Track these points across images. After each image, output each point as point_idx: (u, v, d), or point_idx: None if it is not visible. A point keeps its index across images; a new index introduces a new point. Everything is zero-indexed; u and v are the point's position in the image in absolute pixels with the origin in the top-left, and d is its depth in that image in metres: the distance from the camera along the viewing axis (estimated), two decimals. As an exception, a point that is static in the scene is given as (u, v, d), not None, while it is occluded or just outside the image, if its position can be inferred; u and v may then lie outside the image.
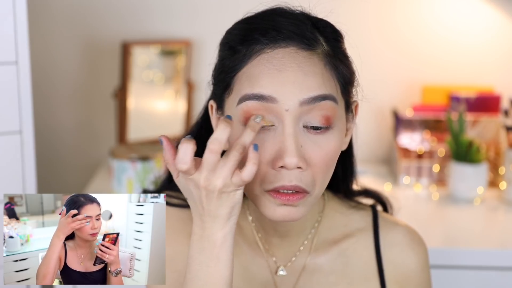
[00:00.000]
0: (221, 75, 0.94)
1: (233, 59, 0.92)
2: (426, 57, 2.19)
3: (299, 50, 0.90)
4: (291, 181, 0.88)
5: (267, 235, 1.02)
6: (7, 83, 1.43)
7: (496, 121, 2.03)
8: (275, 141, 0.88)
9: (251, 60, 0.90)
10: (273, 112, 0.88)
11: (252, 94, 0.88)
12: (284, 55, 0.89)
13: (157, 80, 2.15)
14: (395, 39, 2.19)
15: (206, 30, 2.14)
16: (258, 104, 0.88)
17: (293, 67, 0.88)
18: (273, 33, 0.90)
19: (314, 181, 0.90)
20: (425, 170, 2.03)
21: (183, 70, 2.15)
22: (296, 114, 0.87)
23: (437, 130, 2.08)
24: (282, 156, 0.87)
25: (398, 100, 2.20)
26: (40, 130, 2.07)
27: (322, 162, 0.89)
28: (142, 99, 2.13)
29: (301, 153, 0.87)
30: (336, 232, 1.04)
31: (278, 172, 0.88)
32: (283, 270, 1.01)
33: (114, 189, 1.89)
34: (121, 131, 2.09)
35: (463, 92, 2.09)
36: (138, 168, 1.85)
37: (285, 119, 0.87)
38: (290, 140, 0.86)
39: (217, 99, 0.96)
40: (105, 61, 2.17)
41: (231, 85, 0.92)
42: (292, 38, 0.90)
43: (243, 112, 0.89)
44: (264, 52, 0.90)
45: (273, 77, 0.88)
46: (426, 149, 2.04)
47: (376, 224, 1.04)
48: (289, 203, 0.89)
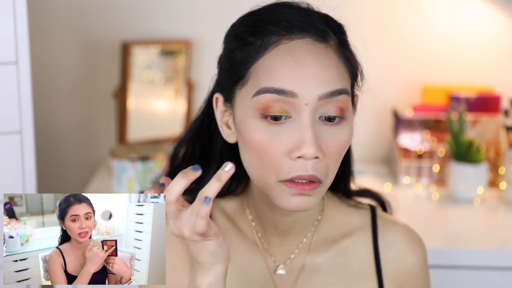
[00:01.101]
0: (233, 67, 0.93)
1: (247, 51, 0.91)
2: (426, 57, 2.19)
3: (315, 41, 0.90)
4: (307, 171, 0.88)
5: (267, 234, 1.02)
6: (7, 83, 1.43)
7: (496, 121, 2.03)
8: (292, 132, 0.88)
9: (268, 51, 0.90)
10: (292, 105, 0.88)
11: (272, 87, 0.88)
12: (303, 46, 0.89)
13: (157, 80, 2.15)
14: (395, 39, 2.19)
15: (206, 30, 2.14)
16: (277, 97, 0.88)
17: (312, 59, 0.89)
18: (287, 24, 0.90)
19: (328, 171, 0.91)
20: (425, 170, 2.03)
21: (183, 70, 2.15)
22: (314, 107, 0.88)
23: (437, 130, 2.08)
24: (300, 147, 0.88)
25: (398, 100, 2.20)
26: (40, 130, 2.07)
27: (336, 152, 0.91)
28: (142, 99, 2.13)
29: (318, 144, 0.88)
30: (335, 231, 1.04)
31: (296, 162, 0.89)
32: (282, 269, 1.01)
33: (114, 189, 1.89)
34: (121, 131, 2.09)
35: (463, 92, 2.09)
36: (138, 168, 1.85)
37: (303, 112, 0.88)
38: (309, 131, 0.87)
39: (225, 92, 0.96)
40: (105, 61, 2.17)
41: (245, 77, 0.92)
42: (306, 30, 0.90)
43: (260, 104, 0.89)
44: (281, 43, 0.90)
45: (294, 70, 0.88)
46: (426, 149, 2.04)
47: (375, 224, 1.05)
48: (305, 193, 0.90)
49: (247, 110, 0.91)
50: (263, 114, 0.89)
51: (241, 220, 1.04)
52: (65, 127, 2.21)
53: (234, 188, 1.06)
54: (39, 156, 1.85)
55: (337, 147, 0.91)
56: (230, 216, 1.04)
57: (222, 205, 1.04)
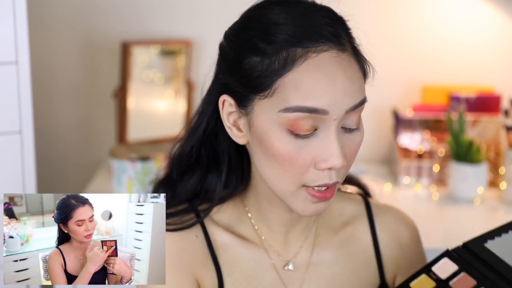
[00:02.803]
0: (252, 77, 0.90)
1: (269, 62, 0.88)
2: (426, 57, 2.19)
3: (339, 52, 0.89)
4: (332, 179, 0.90)
5: (272, 233, 1.02)
6: (7, 83, 1.43)
7: (496, 121, 2.03)
8: (320, 145, 0.89)
9: (296, 66, 0.87)
10: (321, 121, 0.88)
11: (305, 107, 0.87)
12: (331, 61, 0.88)
13: (157, 80, 2.15)
14: (395, 39, 2.19)
15: (206, 30, 2.14)
16: (308, 116, 0.87)
17: (341, 75, 0.88)
18: (314, 35, 0.88)
19: (346, 173, 0.94)
20: (425, 170, 2.03)
21: (183, 70, 2.15)
22: (340, 120, 0.89)
23: (437, 130, 2.08)
24: (328, 159, 0.88)
25: (398, 100, 2.20)
26: (40, 130, 2.07)
27: (354, 155, 0.93)
28: (142, 99, 2.13)
29: (343, 153, 0.89)
30: (334, 222, 1.06)
31: (322, 172, 0.89)
32: (291, 265, 1.02)
33: (114, 189, 1.89)
34: (121, 131, 2.09)
35: (463, 92, 2.09)
36: (138, 168, 1.85)
37: (331, 126, 0.88)
38: (336, 143, 0.88)
39: (238, 97, 0.93)
40: (105, 61, 2.17)
41: (269, 89, 0.89)
42: (329, 39, 0.89)
43: (289, 120, 0.88)
44: (309, 57, 0.87)
45: (326, 87, 0.87)
46: (426, 149, 2.04)
47: (370, 211, 1.08)
48: (324, 200, 0.92)
49: (272, 122, 0.89)
50: (291, 130, 0.88)
51: (242, 226, 1.03)
52: (65, 127, 2.21)
53: (227, 197, 1.04)
54: (39, 156, 1.85)
55: (355, 150, 0.93)
56: (227, 227, 1.03)
57: (216, 219, 1.02)
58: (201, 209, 1.01)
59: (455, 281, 0.84)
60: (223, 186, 1.01)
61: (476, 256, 0.85)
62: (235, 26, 0.95)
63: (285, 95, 0.88)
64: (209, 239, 1.00)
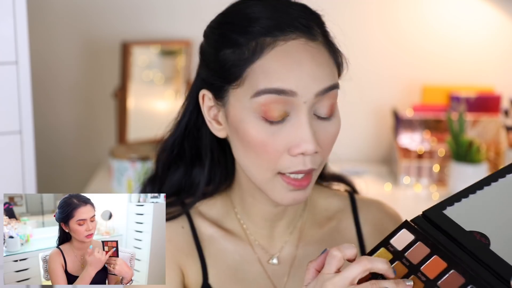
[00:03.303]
0: (225, 68, 0.94)
1: (240, 52, 0.92)
2: (427, 56, 2.19)
3: (307, 41, 0.92)
4: (306, 165, 0.91)
5: (257, 228, 1.03)
6: (7, 83, 1.43)
7: (496, 121, 2.03)
8: (292, 130, 0.91)
9: (264, 54, 0.91)
10: (291, 104, 0.90)
11: (272, 88, 0.90)
12: (298, 48, 0.91)
13: (157, 80, 2.15)
14: (395, 39, 2.19)
15: (206, 30, 2.14)
16: (277, 98, 0.90)
17: (309, 59, 0.91)
18: (282, 25, 0.91)
19: (322, 161, 0.95)
20: (425, 170, 2.03)
21: (183, 70, 2.15)
22: (311, 104, 0.91)
23: (437, 130, 2.08)
24: (300, 144, 0.90)
25: (398, 100, 2.20)
26: (40, 130, 2.07)
27: (328, 144, 0.94)
28: (142, 99, 2.13)
29: (316, 139, 0.91)
30: (319, 216, 1.08)
31: (296, 158, 0.91)
32: (275, 259, 1.03)
33: (114, 189, 1.89)
34: (121, 131, 2.09)
35: (463, 92, 2.09)
36: (138, 168, 1.85)
37: (302, 110, 0.90)
38: (307, 128, 0.90)
39: (215, 90, 0.96)
40: (105, 61, 2.17)
41: (241, 78, 0.92)
42: (299, 29, 0.92)
43: (260, 105, 0.90)
44: (277, 45, 0.91)
45: (292, 70, 0.90)
46: (426, 149, 2.04)
47: (354, 205, 1.09)
48: (301, 188, 0.93)
49: (246, 110, 0.92)
50: (264, 117, 0.91)
51: (228, 220, 1.05)
52: (65, 127, 2.21)
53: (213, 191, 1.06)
54: (39, 156, 1.85)
55: (330, 140, 0.94)
56: (214, 220, 1.05)
57: (204, 212, 1.05)
58: (187, 202, 1.04)
59: (410, 251, 0.83)
60: (207, 181, 1.04)
61: (434, 224, 0.85)
62: (212, 23, 1.01)
63: (255, 81, 0.91)
64: (195, 231, 1.02)
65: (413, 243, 0.84)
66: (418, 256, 0.82)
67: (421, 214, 0.87)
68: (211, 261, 1.01)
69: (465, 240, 0.81)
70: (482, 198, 0.89)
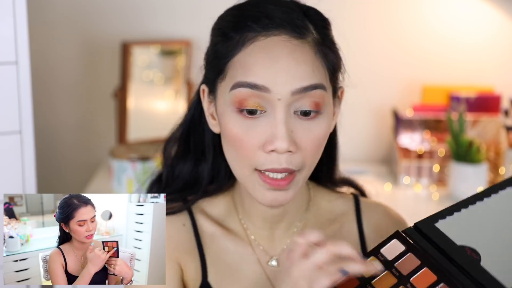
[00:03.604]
0: (215, 61, 0.96)
1: (226, 45, 0.94)
2: (426, 56, 2.19)
3: (291, 38, 0.92)
4: (281, 164, 0.91)
5: (257, 228, 1.03)
6: (7, 83, 1.43)
7: (496, 121, 2.03)
8: (266, 126, 0.91)
9: (244, 48, 0.92)
10: (266, 100, 0.90)
11: (246, 82, 0.90)
12: (277, 44, 0.91)
13: (157, 80, 2.15)
14: (395, 39, 2.19)
15: (206, 30, 2.13)
16: (251, 92, 0.90)
17: (286, 56, 0.90)
18: (265, 21, 0.92)
19: (304, 162, 0.93)
20: (425, 170, 2.03)
21: (183, 70, 2.15)
22: (288, 102, 0.90)
23: (437, 130, 2.08)
24: (272, 141, 0.90)
25: (398, 100, 2.20)
26: (40, 130, 2.07)
27: (312, 145, 0.93)
28: (142, 99, 2.13)
29: (291, 138, 0.90)
30: (322, 219, 1.07)
31: (269, 155, 0.91)
32: (274, 261, 1.02)
33: (114, 189, 1.89)
34: (121, 131, 2.09)
35: (463, 92, 2.09)
36: (138, 168, 1.85)
37: (277, 107, 0.90)
38: (281, 125, 0.90)
39: (209, 84, 0.98)
40: (105, 61, 2.17)
41: (224, 71, 0.94)
42: (284, 26, 0.92)
43: (235, 97, 0.91)
44: (257, 40, 0.92)
45: (267, 66, 0.90)
46: (426, 149, 2.04)
47: (358, 208, 1.08)
48: (279, 188, 0.92)
49: (226, 103, 0.93)
50: (239, 108, 0.91)
51: (230, 220, 1.05)
52: (65, 127, 2.21)
53: (217, 190, 1.06)
54: (39, 156, 1.85)
55: (313, 140, 0.93)
56: (216, 219, 1.05)
57: (206, 211, 1.05)
58: (189, 199, 1.04)
59: (400, 262, 0.83)
60: (211, 178, 1.05)
61: (426, 236, 0.85)
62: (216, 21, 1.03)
63: (233, 74, 0.92)
64: (196, 229, 1.03)
65: (404, 253, 0.84)
66: (408, 267, 0.82)
67: (412, 225, 0.87)
68: (211, 260, 1.01)
69: (456, 254, 0.81)
70: (475, 213, 0.89)
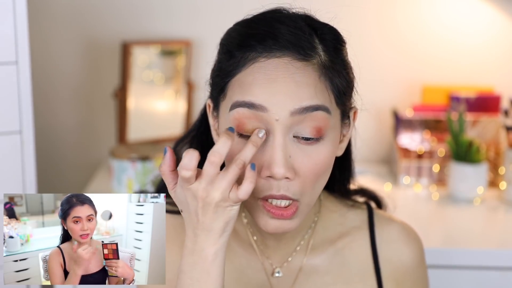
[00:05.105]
0: (217, 79, 0.94)
1: (229, 64, 0.92)
2: (426, 57, 2.19)
3: (293, 60, 0.89)
4: (279, 191, 0.88)
5: (263, 238, 1.02)
6: (7, 83, 1.43)
7: (496, 121, 2.03)
8: (264, 151, 0.88)
9: (245, 68, 0.90)
10: (264, 121, 0.88)
11: (243, 101, 0.88)
12: (278, 66, 0.89)
13: (157, 80, 2.15)
14: (395, 39, 2.19)
15: (206, 30, 2.14)
16: (249, 112, 0.88)
17: (285, 78, 0.88)
18: (270, 42, 0.89)
19: (302, 190, 0.90)
20: (425, 170, 2.03)
21: (183, 70, 2.15)
22: (287, 124, 0.87)
23: (437, 130, 2.08)
24: (269, 166, 0.87)
25: (398, 100, 2.20)
26: (40, 130, 2.07)
27: (311, 172, 0.90)
28: (142, 99, 2.13)
29: (289, 164, 0.87)
30: (332, 231, 1.04)
31: (267, 181, 0.88)
32: (279, 272, 1.02)
33: (114, 189, 1.89)
34: (121, 131, 2.09)
35: (463, 92, 2.09)
36: (138, 168, 1.85)
37: (275, 129, 0.87)
38: (279, 150, 0.87)
39: (214, 100, 0.97)
40: (105, 61, 2.17)
41: (225, 90, 0.92)
42: (288, 48, 0.89)
43: (234, 118, 0.89)
44: (258, 61, 0.89)
45: (265, 86, 0.88)
46: (426, 149, 2.04)
47: (372, 222, 1.04)
48: (285, 219, 0.90)
49: (226, 123, 0.91)
50: (238, 132, 0.89)
51: (237, 224, 1.03)
52: (65, 127, 2.21)
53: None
54: (39, 156, 1.85)
55: (313, 167, 0.89)
56: None
57: None
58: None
59: None
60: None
61: None
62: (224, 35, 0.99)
63: (232, 94, 0.90)
64: None
65: None
66: None
67: None
68: None
69: None
70: None
